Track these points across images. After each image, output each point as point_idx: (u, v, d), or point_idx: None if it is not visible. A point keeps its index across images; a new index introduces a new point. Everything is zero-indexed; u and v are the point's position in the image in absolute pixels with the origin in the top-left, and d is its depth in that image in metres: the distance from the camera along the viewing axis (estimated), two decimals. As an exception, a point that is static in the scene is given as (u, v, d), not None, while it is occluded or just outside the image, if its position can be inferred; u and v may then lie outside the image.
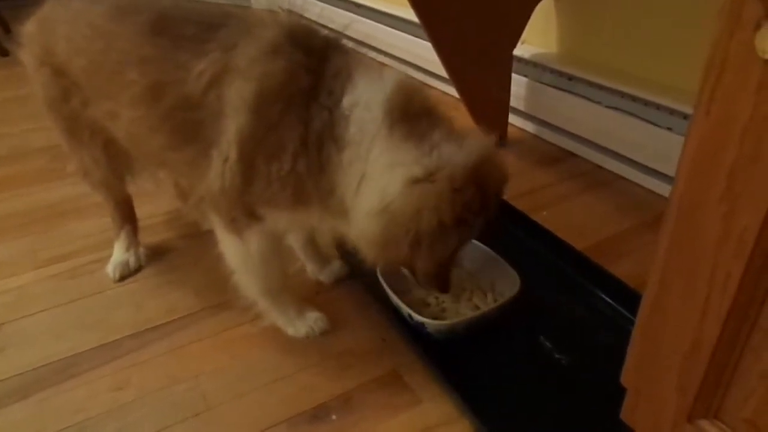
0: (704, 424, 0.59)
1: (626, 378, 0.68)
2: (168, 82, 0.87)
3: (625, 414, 0.69)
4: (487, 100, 1.69)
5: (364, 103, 0.80)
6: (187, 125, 0.88)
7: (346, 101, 0.81)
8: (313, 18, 0.93)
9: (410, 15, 1.87)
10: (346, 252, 1.19)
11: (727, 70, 0.46)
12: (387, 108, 0.80)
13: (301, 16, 0.89)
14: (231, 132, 0.83)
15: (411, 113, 0.81)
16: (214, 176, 0.87)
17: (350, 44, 0.89)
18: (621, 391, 0.70)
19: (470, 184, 0.78)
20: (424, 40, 2.00)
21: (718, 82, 0.46)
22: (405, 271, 0.94)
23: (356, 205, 0.83)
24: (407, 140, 0.79)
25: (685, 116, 1.34)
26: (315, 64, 0.82)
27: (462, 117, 1.69)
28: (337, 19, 0.94)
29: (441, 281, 0.92)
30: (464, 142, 0.81)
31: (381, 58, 2.36)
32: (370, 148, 0.80)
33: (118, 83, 0.92)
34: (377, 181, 0.80)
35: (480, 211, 0.81)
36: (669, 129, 1.39)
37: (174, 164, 0.97)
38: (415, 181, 0.78)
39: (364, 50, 0.91)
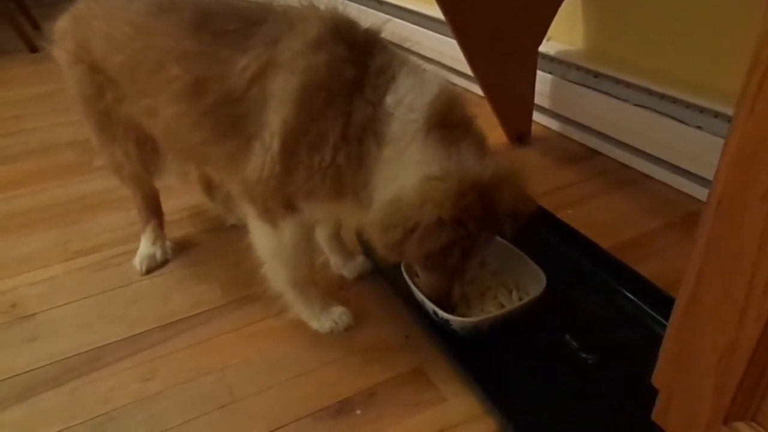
0: (741, 426, 0.58)
1: (658, 378, 0.67)
2: (210, 78, 0.88)
3: (657, 415, 0.68)
4: (511, 97, 1.68)
5: (407, 103, 0.82)
6: (230, 119, 0.89)
7: (390, 99, 0.83)
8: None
9: (435, 12, 1.87)
10: (369, 247, 1.19)
11: (774, 65, 0.45)
12: (428, 112, 0.82)
13: (341, 11, 0.89)
14: (275, 124, 0.85)
15: (448, 120, 0.84)
16: (253, 166, 0.88)
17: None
18: (649, 391, 0.69)
19: (474, 192, 0.80)
20: (448, 36, 1.99)
21: (764, 78, 0.45)
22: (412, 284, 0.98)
23: (377, 197, 0.85)
24: (437, 144, 0.82)
25: (716, 114, 1.32)
26: (358, 58, 0.83)
27: (486, 115, 1.69)
28: (362, 17, 0.94)
29: (443, 293, 0.95)
30: (487, 158, 0.84)
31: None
32: (406, 148, 0.82)
33: (159, 79, 0.93)
34: (401, 176, 0.82)
35: (484, 223, 0.82)
36: (698, 128, 1.36)
37: (214, 158, 0.97)
38: (431, 178, 0.81)
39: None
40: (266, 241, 0.97)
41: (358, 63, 0.83)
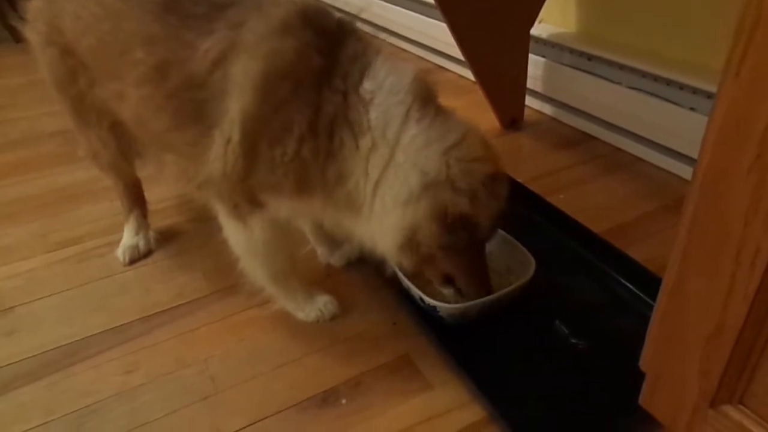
0: (728, 409, 0.56)
1: (645, 362, 0.65)
2: (174, 61, 0.85)
3: (644, 399, 0.66)
4: (503, 81, 1.65)
5: (388, 87, 0.79)
6: (192, 105, 0.85)
7: (368, 85, 0.79)
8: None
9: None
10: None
11: (760, 28, 0.42)
12: (415, 92, 0.80)
13: None
14: (234, 112, 0.81)
15: (431, 97, 0.83)
16: (215, 158, 0.85)
17: (365, 28, 0.87)
18: (639, 377, 0.67)
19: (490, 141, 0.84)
20: (439, 20, 1.96)
21: (749, 41, 0.43)
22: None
23: (381, 196, 0.81)
24: (435, 118, 0.81)
25: (709, 95, 1.29)
26: (327, 46, 0.80)
27: (478, 99, 1.66)
28: (351, 1, 0.91)
29: (485, 275, 0.93)
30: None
31: (395, 40, 2.32)
32: (400, 133, 0.79)
33: (126, 63, 0.90)
34: (413, 163, 0.79)
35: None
36: (692, 109, 1.34)
37: (177, 146, 0.94)
38: (453, 146, 0.79)
39: (378, 32, 0.89)
40: (237, 238, 0.95)
41: (328, 50, 0.79)
